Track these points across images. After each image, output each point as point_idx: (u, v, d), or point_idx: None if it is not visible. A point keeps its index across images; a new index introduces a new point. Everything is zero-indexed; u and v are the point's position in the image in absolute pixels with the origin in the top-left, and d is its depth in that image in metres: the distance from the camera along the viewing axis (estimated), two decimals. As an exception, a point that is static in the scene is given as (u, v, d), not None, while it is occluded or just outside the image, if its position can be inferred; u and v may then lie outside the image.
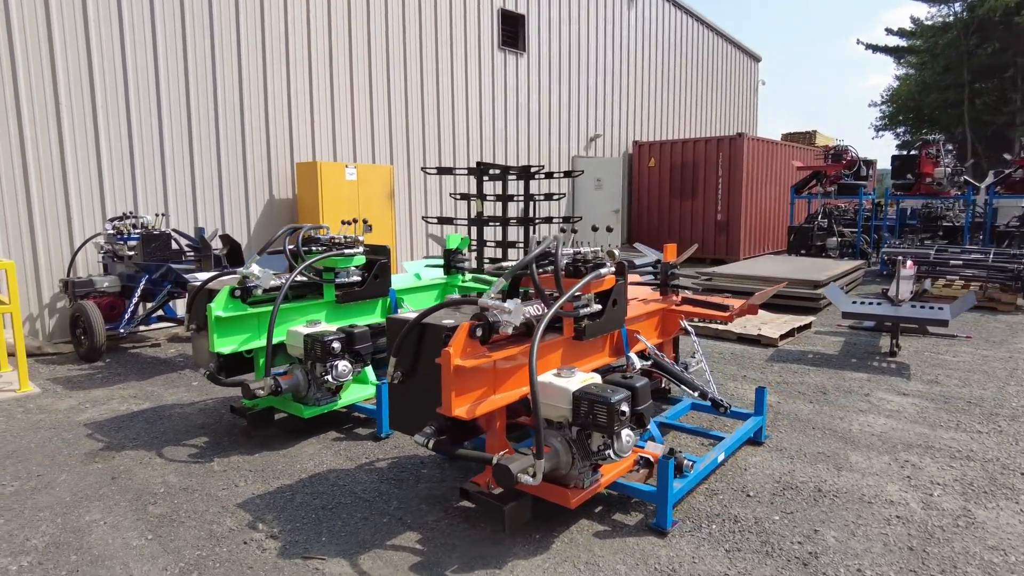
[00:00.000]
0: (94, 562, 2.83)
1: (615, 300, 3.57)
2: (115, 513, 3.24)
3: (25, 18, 6.54)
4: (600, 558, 2.84)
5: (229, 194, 8.37)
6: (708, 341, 6.92)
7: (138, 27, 7.32)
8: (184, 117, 7.79)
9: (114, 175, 7.24)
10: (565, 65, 13.41)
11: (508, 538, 2.99)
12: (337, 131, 9.48)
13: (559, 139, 13.53)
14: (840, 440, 4.15)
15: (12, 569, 2.78)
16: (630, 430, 2.90)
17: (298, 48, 8.86)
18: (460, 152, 11.36)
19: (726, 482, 3.56)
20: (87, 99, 7.00)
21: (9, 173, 6.53)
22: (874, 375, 5.59)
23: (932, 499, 3.35)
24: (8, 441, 4.18)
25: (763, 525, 3.10)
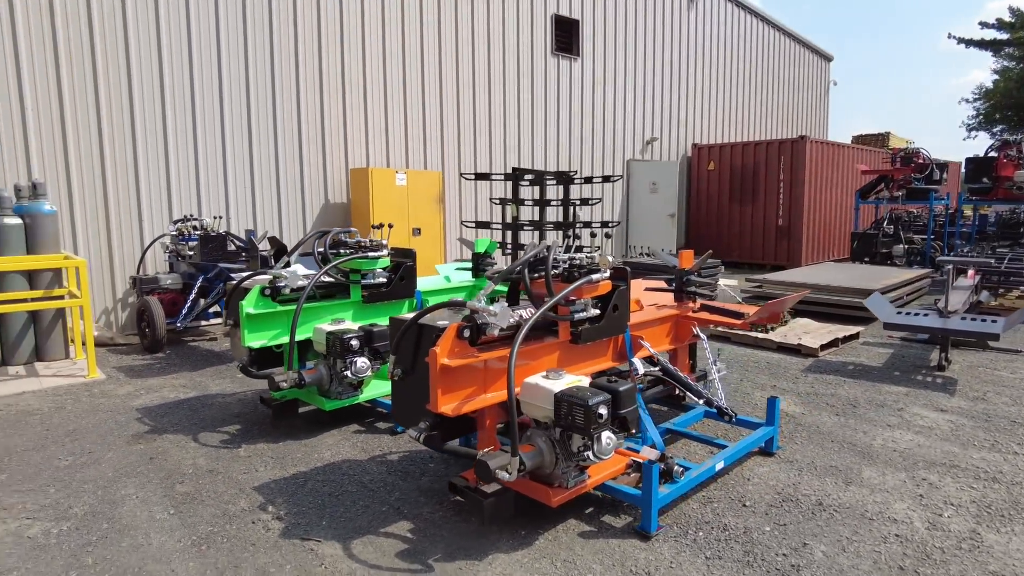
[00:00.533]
0: (121, 531, 3.14)
1: (616, 305, 3.62)
2: (147, 489, 3.58)
3: (106, 34, 7.19)
4: (579, 557, 2.91)
5: (286, 198, 8.87)
6: (747, 350, 6.77)
7: (204, 41, 7.90)
8: (245, 124, 8.33)
9: (180, 181, 7.84)
10: (620, 69, 13.37)
11: (495, 532, 3.11)
12: (390, 138, 9.85)
13: (613, 143, 13.49)
14: (858, 455, 4.02)
15: (53, 532, 3.13)
16: (611, 433, 2.96)
17: (353, 58, 9.28)
18: (511, 157, 11.53)
19: (725, 491, 3.54)
20: (158, 111, 7.61)
21: (90, 180, 7.20)
22: (915, 389, 5.34)
23: (940, 519, 3.22)
24: (71, 421, 4.64)
25: (751, 535, 3.08)
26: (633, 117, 13.84)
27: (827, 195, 14.01)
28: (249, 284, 4.45)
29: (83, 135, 7.12)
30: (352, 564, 2.86)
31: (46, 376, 5.70)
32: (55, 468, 3.85)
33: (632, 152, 13.99)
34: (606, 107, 13.22)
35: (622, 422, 3.04)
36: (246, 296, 4.32)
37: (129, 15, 7.30)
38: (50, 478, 3.71)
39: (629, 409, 3.04)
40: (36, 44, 6.78)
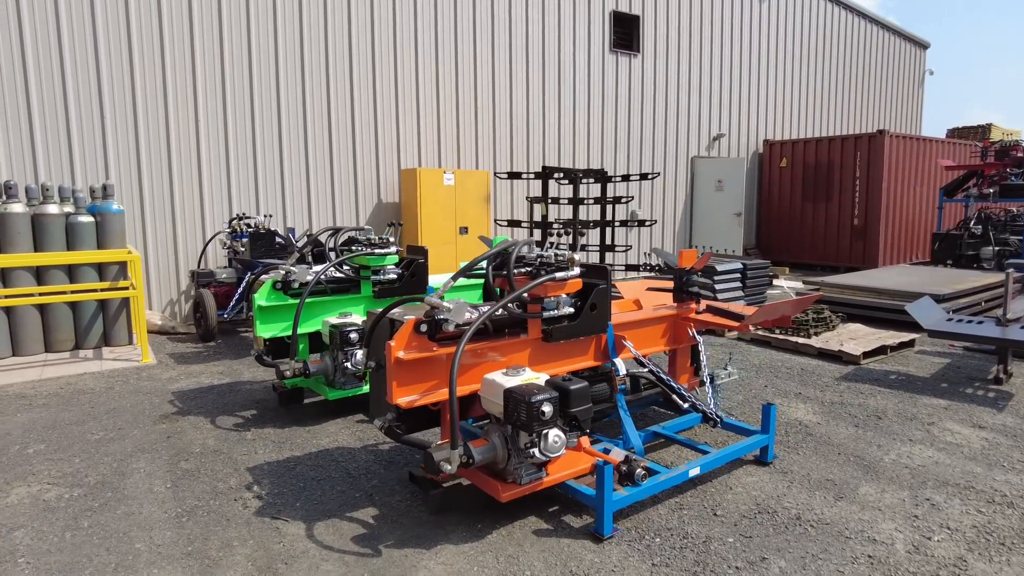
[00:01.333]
0: (120, 500, 3.45)
1: (593, 304, 3.58)
2: (155, 464, 3.90)
3: (175, 45, 7.82)
4: (525, 553, 2.92)
5: (340, 198, 9.29)
6: (784, 355, 6.45)
7: (264, 47, 8.41)
8: (300, 126, 8.80)
9: (240, 181, 8.39)
10: (684, 64, 13.00)
11: (453, 524, 3.17)
12: (442, 138, 10.09)
13: (676, 140, 13.14)
14: (862, 469, 3.76)
15: (64, 497, 3.49)
16: (560, 431, 2.95)
17: (406, 58, 9.58)
18: (565, 156, 11.50)
19: (701, 499, 3.42)
20: (219, 114, 8.19)
21: (159, 182, 7.86)
22: (958, 403, 4.91)
23: (927, 543, 2.97)
24: (114, 400, 5.12)
25: (710, 545, 2.97)
26: (698, 113, 13.42)
27: (909, 193, 13.01)
28: (265, 279, 4.74)
29: (153, 140, 7.78)
30: (308, 544, 3.01)
31: (108, 360, 6.29)
32: (86, 441, 4.27)
33: (697, 149, 13.57)
34: (668, 104, 12.90)
35: (573, 420, 3.03)
36: (259, 290, 4.60)
37: (195, 26, 7.90)
38: (79, 450, 4.12)
39: (580, 408, 3.02)
40: (115, 60, 7.47)
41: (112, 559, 2.90)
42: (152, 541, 3.04)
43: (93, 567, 2.84)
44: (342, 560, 2.88)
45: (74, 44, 7.25)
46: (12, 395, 5.26)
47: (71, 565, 2.85)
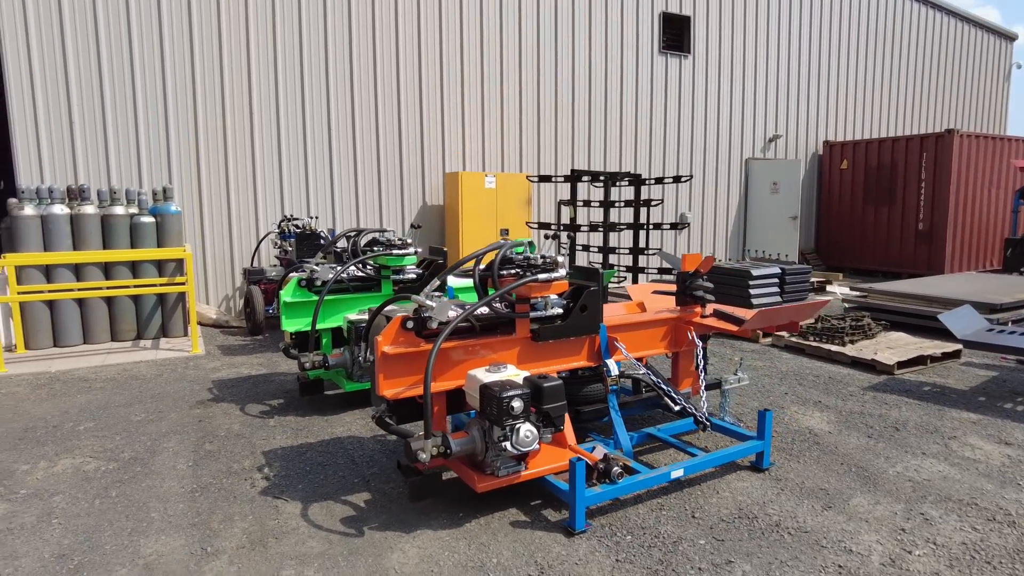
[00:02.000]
0: (147, 475, 3.81)
1: (584, 306, 3.68)
2: (183, 444, 4.26)
3: (232, 55, 8.38)
4: (497, 542, 3.05)
5: (387, 200, 9.66)
6: (816, 363, 6.27)
7: (314, 54, 8.87)
8: (349, 131, 9.22)
9: (292, 184, 8.88)
10: (738, 64, 12.72)
11: (437, 511, 3.33)
12: (486, 142, 10.31)
13: (729, 142, 12.87)
14: (861, 480, 3.67)
15: (101, 469, 3.88)
16: (532, 427, 3.06)
17: (451, 63, 9.85)
18: (611, 158, 11.49)
19: (684, 501, 3.45)
20: (272, 120, 8.70)
21: (216, 184, 8.44)
22: (990, 418, 4.67)
23: (905, 557, 2.90)
24: (160, 386, 5.58)
25: (679, 546, 3.01)
26: (753, 114, 13.09)
27: (981, 196, 12.23)
28: (292, 276, 5.06)
29: (212, 144, 8.36)
30: (300, 522, 3.25)
31: (162, 349, 6.84)
32: (129, 421, 4.70)
33: (751, 150, 13.23)
34: (721, 105, 12.66)
35: (546, 417, 3.13)
36: (285, 287, 4.93)
37: (251, 38, 8.43)
38: (121, 429, 4.55)
39: (553, 405, 3.12)
40: (178, 75, 8.09)
41: (129, 525, 3.23)
42: (165, 511, 3.36)
43: (112, 530, 3.17)
44: (327, 538, 3.10)
45: (143, 62, 7.90)
46: (76, 378, 5.82)
47: (94, 528, 3.20)
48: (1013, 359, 6.37)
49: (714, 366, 6.17)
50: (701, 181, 12.67)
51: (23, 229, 6.60)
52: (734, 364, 6.23)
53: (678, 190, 12.32)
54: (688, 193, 12.51)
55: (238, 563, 2.89)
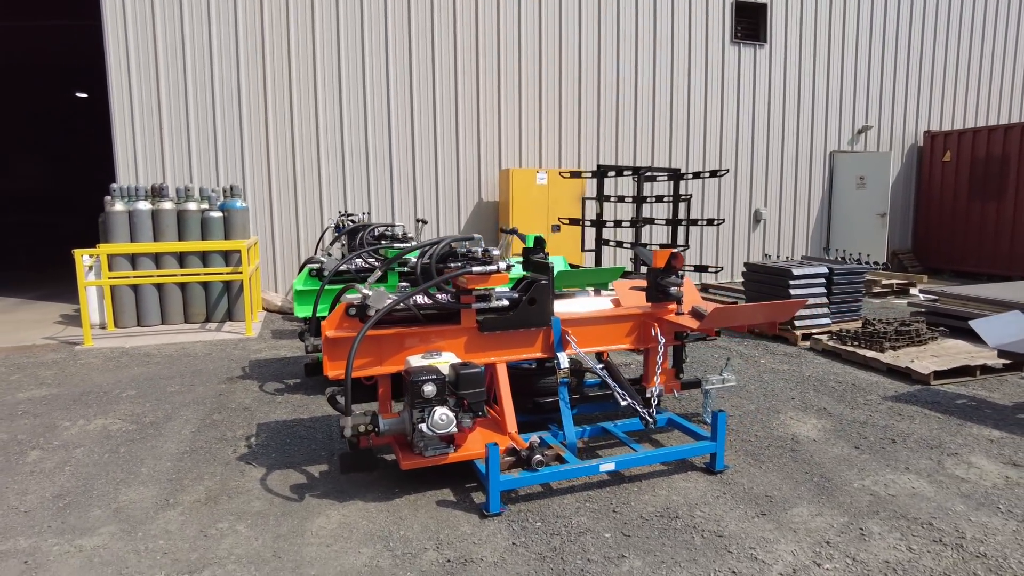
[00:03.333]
0: (155, 436, 4.36)
1: (532, 299, 3.77)
2: (196, 413, 4.81)
3: (301, 60, 9.09)
4: (414, 516, 3.24)
5: (444, 196, 10.06)
6: (848, 369, 5.88)
7: (375, 52, 9.41)
8: (408, 130, 9.69)
9: (354, 180, 9.50)
10: (822, 52, 11.93)
11: (375, 485, 3.58)
12: (544, 139, 10.43)
13: (811, 134, 12.11)
14: (816, 491, 3.49)
15: (123, 429, 4.48)
16: (448, 411, 3.22)
17: (509, 57, 10.06)
18: (678, 154, 11.21)
19: (614, 495, 3.46)
20: (336, 119, 9.34)
21: (286, 181, 9.20)
22: (1017, 437, 4.22)
23: (810, 569, 2.77)
24: (204, 363, 6.26)
25: (582, 537, 3.04)
26: (839, 104, 12.22)
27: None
28: (309, 266, 5.51)
29: (280, 145, 9.13)
30: (255, 484, 3.61)
31: (223, 332, 7.61)
32: (164, 392, 5.35)
33: (837, 143, 12.37)
34: (802, 95, 11.93)
35: (462, 402, 3.28)
36: (298, 276, 5.38)
37: (317, 45, 9.11)
38: (155, 397, 5.19)
39: (469, 391, 3.25)
40: (252, 80, 8.92)
41: (120, 476, 3.74)
42: (154, 468, 3.85)
43: (105, 479, 3.69)
44: (270, 500, 3.43)
45: (221, 75, 8.78)
46: (142, 353, 6.65)
47: (94, 476, 3.74)
48: (1088, 375, 5.63)
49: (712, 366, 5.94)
50: (779, 176, 12.02)
51: (114, 223, 7.60)
52: (723, 364, 6.00)
53: (752, 186, 11.79)
54: (764, 188, 11.92)
55: (187, 515, 3.29)
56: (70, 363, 6.22)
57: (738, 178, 11.73)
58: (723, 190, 11.61)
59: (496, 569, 2.79)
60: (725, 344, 6.89)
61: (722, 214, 11.66)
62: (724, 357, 6.36)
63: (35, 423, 4.61)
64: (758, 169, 11.82)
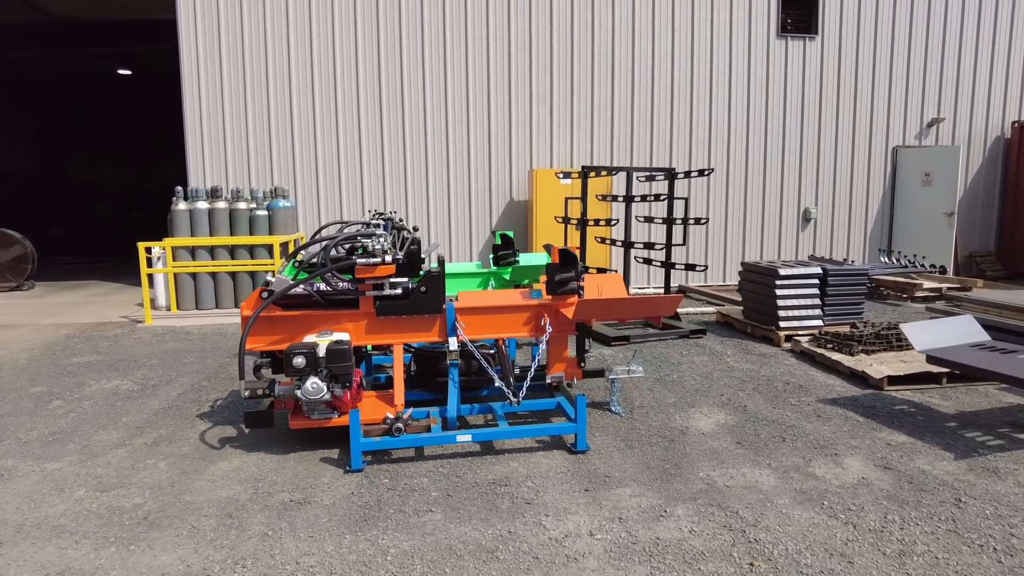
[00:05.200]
0: (150, 396, 5.30)
1: (423, 289, 4.27)
2: (190, 381, 5.73)
3: (345, 66, 10.06)
4: (292, 467, 3.85)
5: (476, 196, 10.66)
6: (812, 371, 5.79)
7: (413, 67, 10.19)
8: (443, 133, 10.38)
9: (392, 181, 10.34)
10: (884, 42, 11.23)
11: (284, 442, 4.23)
12: (576, 138, 10.74)
13: (870, 129, 11.45)
14: (656, 476, 3.71)
15: (127, 389, 5.48)
16: (318, 380, 3.80)
17: (540, 58, 10.46)
18: (718, 152, 11.05)
19: (472, 464, 3.87)
20: (376, 124, 10.22)
21: (331, 182, 10.22)
22: (925, 444, 4.12)
23: (580, 536, 3.06)
24: (228, 341, 7.27)
25: (411, 493, 3.50)
26: (903, 96, 11.43)
27: None
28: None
29: (327, 149, 10.15)
30: (195, 435, 4.39)
31: (261, 314, 8.68)
32: (180, 362, 6.37)
33: (901, 137, 11.58)
34: (859, 89, 11.30)
35: (333, 375, 3.84)
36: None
37: (360, 52, 10.03)
38: (169, 366, 6.21)
39: (336, 365, 3.82)
40: (302, 91, 10.00)
41: (104, 422, 4.68)
42: (131, 419, 4.76)
43: (92, 425, 4.64)
44: (196, 447, 4.19)
45: (275, 87, 9.92)
46: (184, 332, 7.82)
47: (85, 422, 4.69)
48: (1076, 389, 5.19)
49: (671, 361, 6.06)
50: (831, 173, 11.47)
51: (177, 220, 8.91)
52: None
53: (801, 183, 11.35)
54: (814, 186, 11.43)
55: (131, 453, 4.12)
56: (125, 337, 7.49)
57: (785, 175, 11.34)
58: (768, 188, 11.29)
59: (320, 510, 3.33)
60: (705, 343, 6.93)
61: (767, 213, 11.34)
62: (688, 350, 6.45)
63: (70, 381, 5.75)
64: (808, 166, 11.35)
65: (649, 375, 5.74)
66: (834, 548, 2.92)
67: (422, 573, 2.77)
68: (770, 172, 11.29)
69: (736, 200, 11.24)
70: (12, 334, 7.64)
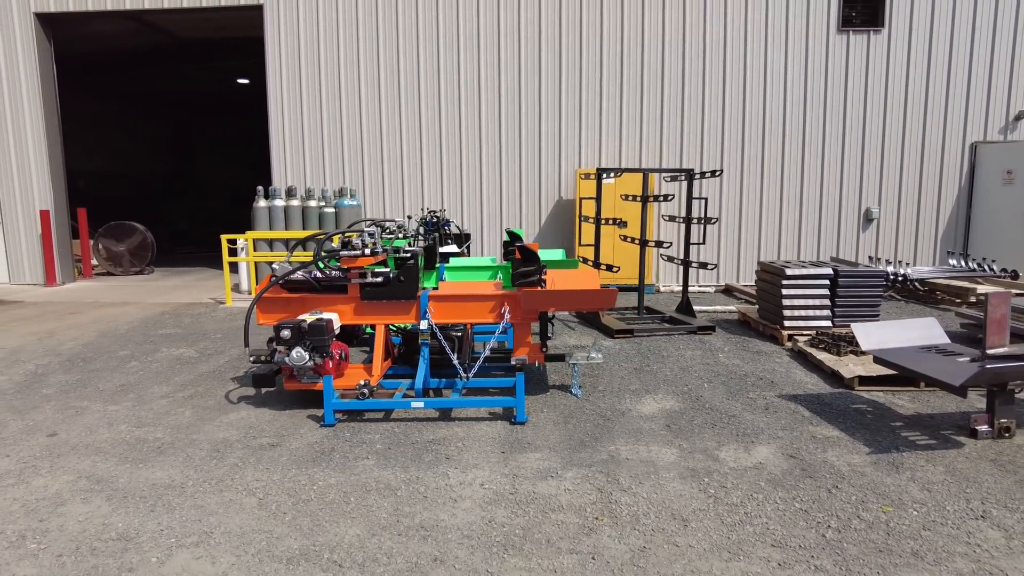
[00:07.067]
0: (203, 362, 6.44)
1: (400, 278, 5.01)
2: (237, 352, 6.83)
3: (408, 84, 11.04)
4: (282, 420, 4.70)
5: (527, 195, 11.30)
6: (796, 370, 5.94)
7: (469, 74, 10.98)
8: (496, 134, 11.10)
9: (449, 182, 11.21)
10: (962, 31, 10.60)
11: (281, 401, 5.12)
12: (624, 138, 11.07)
13: (944, 124, 10.85)
14: (572, 446, 4.20)
15: (190, 356, 6.66)
16: (301, 350, 4.63)
17: (590, 57, 10.90)
18: (772, 152, 10.95)
19: (422, 427, 4.54)
20: (435, 131, 11.12)
21: (395, 184, 11.25)
22: (848, 439, 4.31)
23: (472, 485, 3.64)
24: (286, 320, 8.40)
25: (358, 446, 4.24)
26: (985, 87, 10.70)
27: None
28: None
29: (392, 151, 11.18)
30: (223, 393, 5.38)
31: (322, 300, 9.83)
32: (237, 337, 7.53)
33: (981, 132, 10.85)
34: (932, 82, 10.73)
35: (313, 347, 4.66)
36: (321, 257, 7.16)
37: (421, 62, 10.96)
38: (229, 341, 7.37)
39: (317, 338, 4.63)
40: (370, 101, 11.09)
41: (161, 379, 5.81)
42: (181, 379, 5.87)
43: (152, 380, 5.79)
44: (220, 402, 5.17)
45: (347, 100, 11.08)
46: (227, 312, 9.06)
47: (148, 378, 5.86)
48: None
49: (666, 355, 6.36)
50: (897, 172, 10.98)
51: (258, 215, 10.28)
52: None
53: (862, 182, 10.97)
54: (877, 185, 11.01)
55: (170, 403, 5.17)
56: (206, 316, 8.86)
57: (845, 175, 11.00)
58: (827, 187, 11.01)
59: (285, 451, 4.15)
60: (710, 340, 7.15)
61: (824, 212, 11.08)
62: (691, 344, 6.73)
63: (150, 347, 7.05)
64: (870, 165, 10.94)
65: (631, 365, 6.13)
66: (680, 514, 3.31)
67: (332, 498, 3.50)
68: (828, 171, 11.01)
69: (792, 199, 11.06)
70: (122, 310, 9.27)
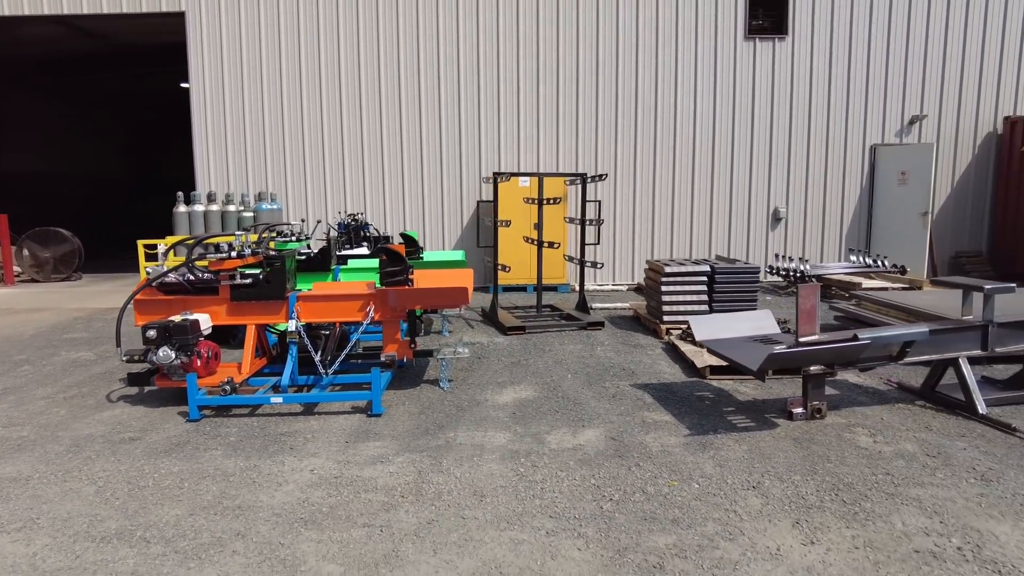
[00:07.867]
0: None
1: (267, 280, 5.27)
2: (140, 352, 7.01)
3: (329, 87, 11.25)
4: (152, 416, 4.92)
5: (448, 197, 11.59)
6: (662, 360, 6.33)
7: (389, 76, 11.24)
8: (417, 133, 11.38)
9: (372, 185, 11.45)
10: (860, 39, 11.20)
11: (162, 398, 5.34)
12: (542, 142, 11.42)
13: (845, 128, 11.43)
14: (414, 434, 4.50)
15: (86, 358, 6.82)
16: (167, 349, 4.86)
17: (508, 64, 11.23)
18: (683, 154, 11.40)
19: (280, 421, 4.80)
20: (356, 133, 11.35)
21: (317, 186, 11.44)
22: (677, 423, 4.68)
23: (301, 472, 3.92)
24: (198, 323, 8.58)
25: (214, 439, 4.48)
26: (882, 93, 11.31)
27: None
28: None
29: (315, 156, 11.39)
30: (105, 392, 5.58)
31: (242, 302, 10.01)
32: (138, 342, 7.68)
33: (880, 135, 11.46)
34: (834, 87, 11.30)
35: (178, 346, 4.89)
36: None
37: (342, 67, 11.19)
38: (127, 342, 7.52)
39: (180, 338, 4.86)
40: (292, 107, 11.27)
41: (47, 382, 5.97)
42: (70, 380, 6.03)
43: (37, 383, 5.93)
44: (99, 400, 5.35)
45: (271, 106, 11.25)
46: (171, 314, 9.20)
47: (34, 381, 6.00)
48: (895, 381, 5.48)
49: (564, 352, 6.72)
50: (803, 173, 11.53)
51: (178, 220, 10.40)
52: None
53: (771, 183, 11.50)
54: (785, 186, 11.54)
55: (47, 403, 5.34)
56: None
57: (753, 175, 11.51)
58: (736, 188, 11.51)
59: (143, 445, 4.38)
60: (597, 334, 7.52)
61: (734, 213, 11.57)
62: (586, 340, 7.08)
63: (48, 352, 7.17)
64: (778, 166, 11.48)
65: (511, 360, 6.46)
66: (482, 491, 3.63)
67: (167, 484, 3.75)
68: (737, 172, 11.51)
69: (702, 200, 11.54)
70: (35, 316, 9.33)
